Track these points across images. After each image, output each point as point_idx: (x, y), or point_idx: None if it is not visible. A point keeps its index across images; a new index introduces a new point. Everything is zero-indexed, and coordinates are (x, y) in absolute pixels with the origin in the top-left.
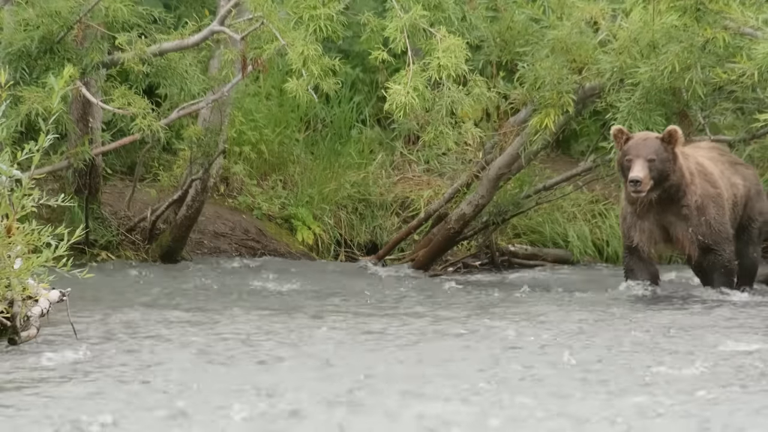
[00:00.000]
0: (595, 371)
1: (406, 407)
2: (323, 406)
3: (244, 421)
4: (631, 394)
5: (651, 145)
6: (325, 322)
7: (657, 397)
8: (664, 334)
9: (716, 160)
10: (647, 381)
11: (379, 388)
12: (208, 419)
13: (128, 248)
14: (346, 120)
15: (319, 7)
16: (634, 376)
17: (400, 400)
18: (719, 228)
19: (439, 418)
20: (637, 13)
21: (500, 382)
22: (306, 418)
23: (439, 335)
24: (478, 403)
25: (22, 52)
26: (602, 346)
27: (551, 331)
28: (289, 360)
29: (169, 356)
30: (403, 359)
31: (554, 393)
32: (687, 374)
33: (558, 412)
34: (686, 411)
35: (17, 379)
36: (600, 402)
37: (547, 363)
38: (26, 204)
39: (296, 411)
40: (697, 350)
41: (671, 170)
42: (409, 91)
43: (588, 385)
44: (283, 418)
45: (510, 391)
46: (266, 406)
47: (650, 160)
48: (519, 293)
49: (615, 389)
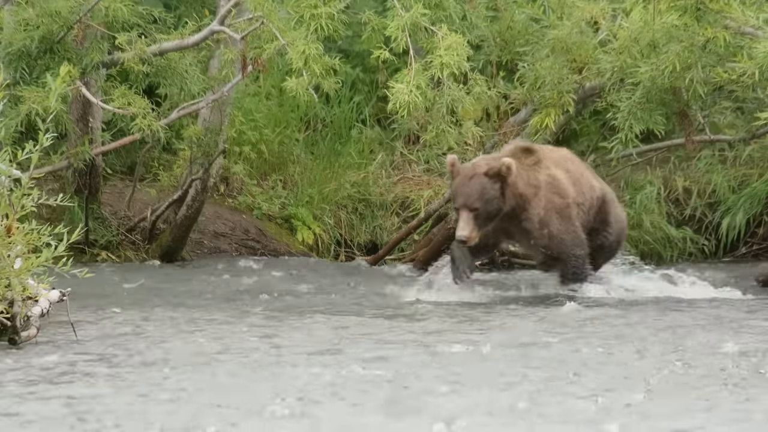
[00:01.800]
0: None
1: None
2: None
3: (247, 421)
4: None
5: (475, 189)
6: (329, 320)
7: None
8: (660, 332)
9: (578, 162)
10: (641, 381)
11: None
12: (209, 419)
13: (128, 248)
14: (346, 120)
15: (320, 6)
16: (626, 375)
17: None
18: (563, 237)
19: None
20: (638, 13)
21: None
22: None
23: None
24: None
25: (22, 52)
26: (601, 346)
27: (545, 327)
28: (290, 360)
29: (170, 356)
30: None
31: (542, 389)
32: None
33: (543, 413)
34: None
35: (17, 379)
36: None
37: (540, 360)
38: (26, 204)
39: (300, 410)
40: (689, 349)
41: (501, 206)
42: (412, 89)
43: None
44: (286, 417)
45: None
46: (269, 406)
47: (474, 209)
48: (518, 293)
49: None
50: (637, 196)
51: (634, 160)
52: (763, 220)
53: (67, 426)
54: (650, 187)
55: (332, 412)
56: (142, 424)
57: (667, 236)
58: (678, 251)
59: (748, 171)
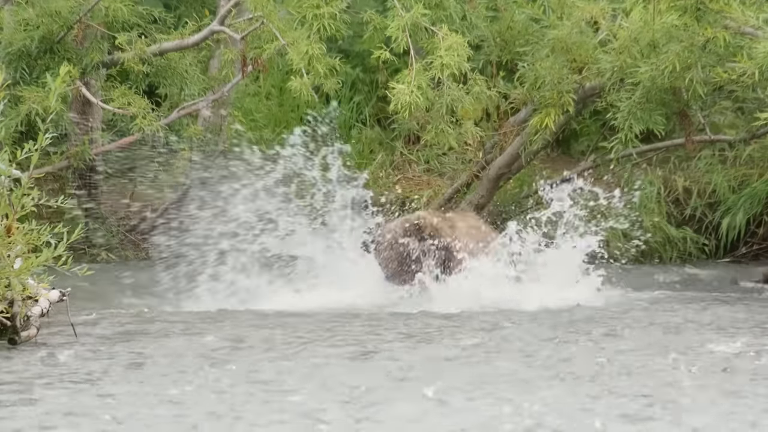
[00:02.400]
0: None
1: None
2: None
3: (250, 419)
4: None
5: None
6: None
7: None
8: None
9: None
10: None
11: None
12: (210, 418)
13: (128, 248)
14: (346, 120)
15: (322, 5)
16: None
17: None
18: None
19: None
20: (637, 13)
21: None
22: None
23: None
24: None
25: (22, 52)
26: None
27: (541, 325)
28: (291, 360)
29: (170, 356)
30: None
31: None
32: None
33: (540, 412)
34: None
35: (17, 379)
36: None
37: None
38: (26, 203)
39: (306, 408)
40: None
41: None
42: (413, 90)
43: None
44: (294, 417)
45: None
46: (274, 406)
47: None
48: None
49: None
50: (637, 196)
51: (634, 160)
52: (763, 220)
53: (68, 426)
54: (650, 187)
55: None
56: (144, 425)
57: (667, 236)
58: (678, 251)
59: (748, 171)
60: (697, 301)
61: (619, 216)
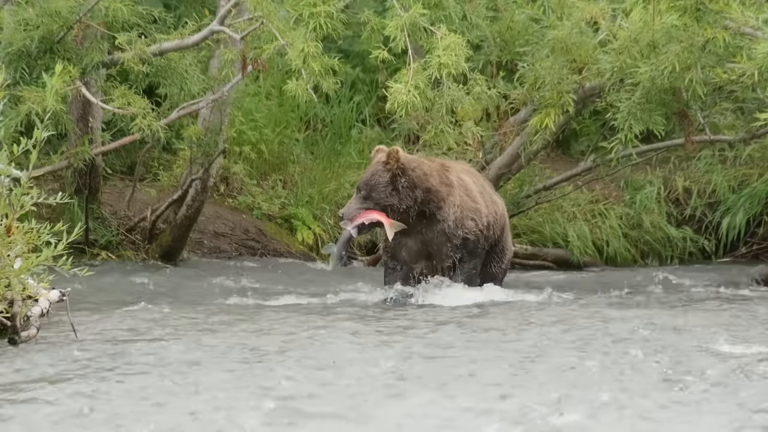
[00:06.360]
0: None
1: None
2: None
3: (251, 421)
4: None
5: (368, 173)
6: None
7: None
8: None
9: (477, 176)
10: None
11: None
12: (211, 419)
13: (128, 248)
14: (346, 120)
15: (319, 4)
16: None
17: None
18: (475, 240)
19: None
20: (637, 13)
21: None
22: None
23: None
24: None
25: (22, 52)
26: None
27: (545, 328)
28: (292, 360)
29: (170, 356)
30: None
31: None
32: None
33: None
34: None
35: (17, 379)
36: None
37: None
38: (25, 203)
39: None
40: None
41: (397, 197)
42: (411, 89)
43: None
44: (293, 416)
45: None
46: (274, 406)
47: (359, 190)
48: (517, 293)
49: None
50: (637, 196)
51: (634, 160)
52: (763, 220)
53: (68, 426)
54: (650, 187)
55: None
56: (143, 425)
57: (667, 236)
58: (678, 251)
59: (748, 171)
60: (698, 301)
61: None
